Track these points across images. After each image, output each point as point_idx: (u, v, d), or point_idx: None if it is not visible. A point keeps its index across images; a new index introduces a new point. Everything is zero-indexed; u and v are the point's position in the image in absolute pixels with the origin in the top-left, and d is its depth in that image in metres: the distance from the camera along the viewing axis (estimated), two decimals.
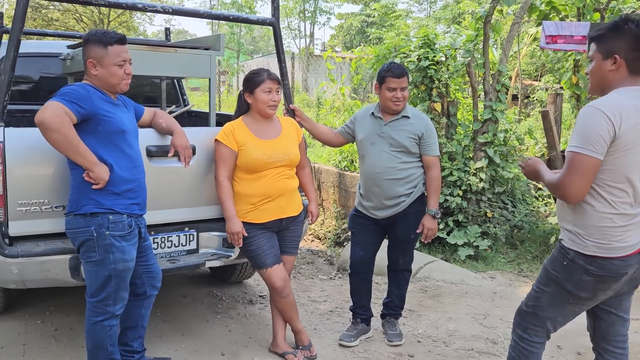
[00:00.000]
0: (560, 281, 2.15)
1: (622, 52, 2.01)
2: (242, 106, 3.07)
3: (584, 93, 6.17)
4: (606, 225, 2.02)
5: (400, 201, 3.24)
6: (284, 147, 3.00)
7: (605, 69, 2.05)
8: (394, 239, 3.42)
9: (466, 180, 5.22)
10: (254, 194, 2.96)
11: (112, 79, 2.48)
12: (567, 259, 2.11)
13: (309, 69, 16.68)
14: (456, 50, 5.58)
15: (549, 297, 2.21)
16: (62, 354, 3.16)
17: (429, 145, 3.25)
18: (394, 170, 3.21)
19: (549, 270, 2.20)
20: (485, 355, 3.28)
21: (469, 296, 4.24)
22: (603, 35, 2.06)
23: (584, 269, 2.06)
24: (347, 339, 3.40)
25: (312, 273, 4.91)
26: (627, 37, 2.00)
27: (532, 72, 14.83)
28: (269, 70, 3.00)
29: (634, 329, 3.65)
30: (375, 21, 26.59)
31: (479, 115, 5.42)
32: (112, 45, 2.47)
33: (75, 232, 2.47)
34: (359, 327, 3.48)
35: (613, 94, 2.02)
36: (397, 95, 3.18)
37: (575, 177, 1.96)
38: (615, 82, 2.05)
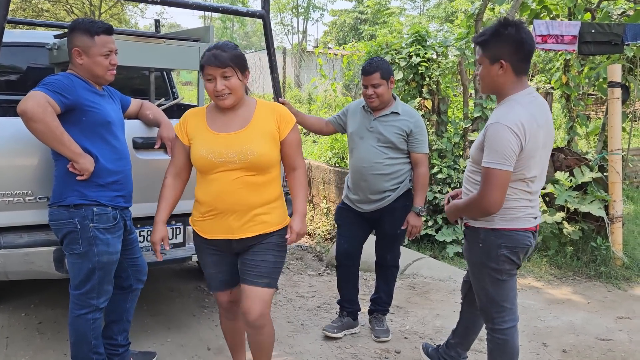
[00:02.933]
0: (485, 263, 2.39)
1: (506, 57, 2.20)
2: None
3: (574, 92, 6.19)
4: (510, 199, 2.27)
5: (385, 196, 3.25)
6: (242, 143, 2.27)
7: (494, 73, 2.24)
8: (380, 234, 3.42)
9: (456, 177, 5.23)
10: (203, 202, 2.36)
11: (97, 69, 2.45)
12: (479, 239, 2.37)
13: (301, 65, 16.63)
14: (447, 47, 5.58)
15: (488, 283, 2.43)
16: (46, 347, 3.12)
17: (417, 143, 3.24)
18: (381, 165, 3.21)
19: (473, 261, 2.46)
20: (471, 352, 3.28)
21: (456, 293, 4.24)
22: (487, 41, 2.23)
23: (497, 244, 2.33)
24: (330, 330, 3.42)
25: (301, 269, 4.90)
26: (509, 42, 2.18)
27: None
28: (221, 48, 2.23)
29: (619, 327, 3.67)
30: (368, 18, 26.60)
31: (469, 113, 5.42)
32: (99, 35, 2.43)
33: (58, 223, 2.44)
34: (345, 320, 3.49)
35: (514, 106, 2.20)
36: (368, 92, 3.20)
37: (495, 190, 2.18)
38: (505, 85, 2.26)
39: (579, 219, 4.85)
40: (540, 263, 4.84)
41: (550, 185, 4.84)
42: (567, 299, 4.19)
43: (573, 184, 4.78)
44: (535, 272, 4.73)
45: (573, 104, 6.29)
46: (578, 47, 4.99)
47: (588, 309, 4.01)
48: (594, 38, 4.97)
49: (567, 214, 4.86)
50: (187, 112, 2.45)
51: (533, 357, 3.23)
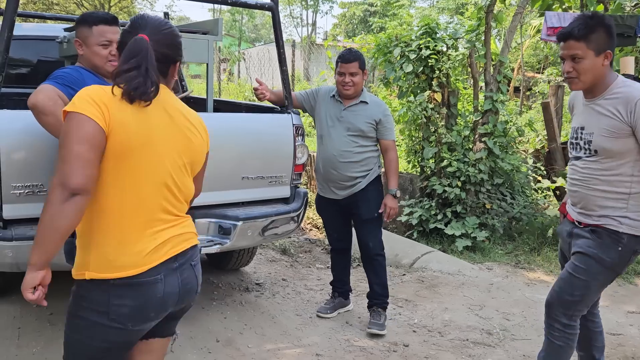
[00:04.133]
0: (615, 266, 2.32)
1: (609, 47, 2.24)
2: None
3: None
4: None
5: (356, 182, 3.38)
6: None
7: (599, 64, 2.23)
8: (358, 220, 3.48)
9: (465, 171, 5.20)
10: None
11: (95, 59, 2.46)
12: (621, 244, 2.27)
13: (310, 58, 16.58)
14: (457, 40, 5.53)
15: (601, 282, 2.37)
16: (57, 338, 3.15)
17: (386, 130, 3.38)
18: (351, 153, 3.33)
19: (604, 258, 2.30)
20: (480, 346, 3.28)
21: (465, 287, 4.23)
22: (588, 34, 2.21)
23: (633, 250, 2.29)
24: (324, 311, 3.61)
25: (310, 262, 4.91)
26: (608, 32, 2.23)
27: (534, 64, 14.75)
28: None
29: (630, 322, 3.65)
30: (378, 10, 26.46)
31: (479, 106, 5.38)
32: (97, 25, 2.45)
33: None
34: (337, 300, 3.68)
35: (633, 83, 2.24)
36: (345, 80, 3.31)
37: None
38: (606, 74, 2.26)
39: None
40: (551, 257, 4.81)
41: (560, 179, 4.80)
42: None
43: None
44: (545, 266, 4.71)
45: None
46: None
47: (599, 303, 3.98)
48: None
49: None
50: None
51: None
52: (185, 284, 1.69)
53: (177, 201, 1.68)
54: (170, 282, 1.64)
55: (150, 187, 1.59)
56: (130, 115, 1.54)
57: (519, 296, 4.07)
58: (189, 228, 1.73)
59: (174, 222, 1.67)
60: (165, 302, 1.65)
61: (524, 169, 5.97)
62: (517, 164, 5.66)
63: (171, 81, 1.71)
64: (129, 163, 1.55)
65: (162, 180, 1.61)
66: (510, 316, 3.72)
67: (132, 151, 1.54)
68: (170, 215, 1.66)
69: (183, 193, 1.70)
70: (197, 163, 1.76)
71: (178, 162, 1.65)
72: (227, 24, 30.13)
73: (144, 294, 1.59)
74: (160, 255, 1.61)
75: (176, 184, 1.65)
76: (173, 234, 1.65)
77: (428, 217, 5.30)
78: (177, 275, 1.66)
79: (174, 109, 1.67)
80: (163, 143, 1.61)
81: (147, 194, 1.59)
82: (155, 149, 1.59)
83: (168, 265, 1.63)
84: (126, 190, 1.56)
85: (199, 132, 1.73)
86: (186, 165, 1.69)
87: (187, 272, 1.69)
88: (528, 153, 6.91)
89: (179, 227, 1.69)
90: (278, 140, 3.42)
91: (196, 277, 1.74)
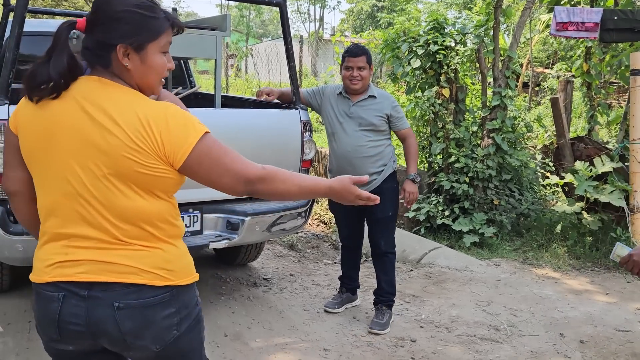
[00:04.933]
0: None
1: None
2: None
3: (595, 81, 6.08)
4: None
5: (372, 179, 3.35)
6: None
7: None
8: (371, 219, 3.47)
9: (473, 167, 5.18)
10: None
11: None
12: None
13: (318, 54, 16.57)
14: (466, 35, 5.50)
15: None
16: None
17: (399, 121, 3.40)
18: (365, 148, 3.33)
19: None
20: (488, 342, 3.28)
21: (473, 283, 4.23)
22: None
23: None
24: (332, 306, 3.63)
25: (317, 257, 4.92)
26: None
27: (544, 59, 14.66)
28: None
29: (638, 319, 3.63)
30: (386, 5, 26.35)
31: (487, 102, 5.36)
32: None
33: None
34: (344, 295, 3.69)
35: None
36: (353, 74, 3.30)
37: None
38: None
39: (598, 209, 4.78)
40: (559, 253, 4.79)
41: (569, 175, 4.78)
42: (586, 290, 4.15)
43: (593, 173, 4.71)
44: (553, 262, 4.69)
45: (594, 92, 6.18)
46: (600, 35, 4.89)
47: (606, 299, 3.97)
48: (616, 25, 4.87)
49: (587, 204, 4.80)
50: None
51: (550, 348, 3.22)
52: (95, 322, 1.34)
53: (106, 221, 1.34)
54: (70, 308, 1.35)
55: (60, 195, 1.35)
56: (31, 116, 1.37)
57: (527, 292, 4.07)
58: (128, 260, 1.35)
59: (103, 245, 1.35)
60: (63, 327, 1.36)
61: (532, 164, 5.95)
62: (525, 160, 5.63)
63: (122, 70, 1.37)
64: (36, 166, 1.39)
65: (74, 190, 1.33)
66: (517, 312, 3.71)
67: (35, 153, 1.37)
68: (98, 233, 1.35)
69: (113, 212, 1.34)
70: (129, 174, 1.33)
71: (95, 172, 1.32)
72: (234, 20, 30.15)
73: (42, 307, 1.39)
74: (66, 273, 1.35)
75: (97, 198, 1.33)
76: (93, 258, 1.34)
77: (436, 213, 5.30)
78: (85, 305, 1.34)
79: (96, 106, 1.33)
80: (70, 147, 1.33)
81: (60, 203, 1.36)
82: (60, 153, 1.34)
83: (73, 288, 1.34)
84: (41, 195, 1.40)
85: (126, 133, 1.30)
86: (108, 176, 1.32)
87: (101, 310, 1.34)
88: (536, 149, 6.88)
89: (109, 253, 1.35)
90: (286, 136, 3.43)
91: (117, 322, 1.34)
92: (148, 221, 1.37)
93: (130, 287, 1.35)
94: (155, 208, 1.38)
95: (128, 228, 1.35)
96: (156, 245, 1.39)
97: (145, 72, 1.40)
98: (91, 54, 1.38)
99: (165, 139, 1.32)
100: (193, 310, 1.47)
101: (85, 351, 1.43)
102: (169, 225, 1.43)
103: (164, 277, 1.38)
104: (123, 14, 1.35)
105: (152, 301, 1.36)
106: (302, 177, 1.47)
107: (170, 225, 1.43)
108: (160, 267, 1.38)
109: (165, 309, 1.38)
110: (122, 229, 1.35)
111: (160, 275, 1.38)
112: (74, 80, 1.37)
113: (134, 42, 1.36)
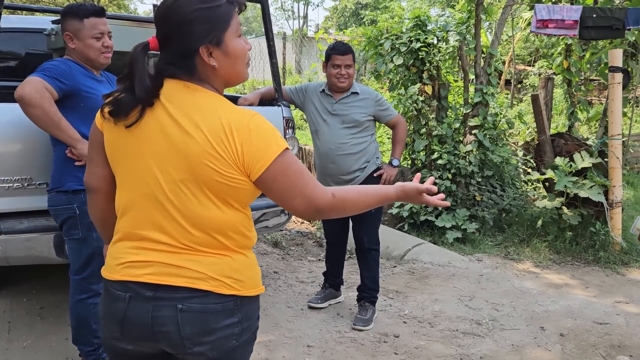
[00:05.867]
0: None
1: None
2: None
3: (575, 78, 6.16)
4: None
5: (355, 176, 3.38)
6: None
7: None
8: (355, 217, 3.47)
9: (455, 163, 5.23)
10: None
11: (89, 52, 2.45)
12: None
13: (302, 51, 16.54)
14: (448, 32, 5.54)
15: None
16: (47, 332, 3.15)
17: (384, 112, 3.43)
18: (347, 145, 3.34)
19: None
20: (470, 336, 3.31)
21: (455, 278, 4.27)
22: None
23: None
24: (315, 302, 3.65)
25: (301, 254, 4.92)
26: None
27: (525, 57, 14.81)
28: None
29: (616, 312, 3.69)
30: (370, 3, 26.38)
31: (469, 99, 5.40)
32: (88, 18, 2.43)
33: (57, 209, 2.45)
34: (327, 291, 3.72)
35: None
36: (341, 72, 3.30)
37: None
38: None
39: (578, 204, 4.85)
40: (540, 248, 4.85)
41: (549, 171, 4.84)
42: (566, 284, 4.21)
43: (573, 169, 4.78)
44: (534, 257, 4.75)
45: (574, 89, 6.27)
46: (579, 32, 4.95)
47: (586, 293, 4.03)
48: (595, 23, 4.94)
49: (567, 200, 4.87)
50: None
51: (531, 341, 3.26)
52: (157, 323, 1.33)
53: (179, 226, 1.33)
54: (136, 310, 1.34)
55: (138, 196, 1.36)
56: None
57: (508, 287, 4.11)
58: (197, 266, 1.34)
59: (173, 249, 1.34)
60: (127, 326, 1.36)
61: (513, 161, 6.01)
62: (507, 156, 5.69)
63: (208, 72, 1.35)
64: (118, 164, 1.39)
65: (151, 192, 1.33)
66: (499, 306, 3.75)
67: (118, 151, 1.37)
68: (170, 238, 1.34)
69: (187, 218, 1.33)
70: (206, 181, 1.30)
71: (174, 176, 1.31)
72: None
73: (109, 304, 1.39)
74: (134, 273, 1.35)
75: (172, 203, 1.32)
76: (162, 260, 1.34)
77: (419, 209, 5.33)
78: (149, 307, 1.33)
79: (181, 110, 1.32)
80: (152, 149, 1.33)
81: (136, 203, 1.36)
82: (142, 154, 1.34)
83: (140, 289, 1.34)
84: (120, 193, 1.41)
85: (208, 139, 1.28)
86: (186, 182, 1.31)
87: (165, 311, 1.33)
88: (518, 145, 6.95)
89: (179, 257, 1.34)
90: None
91: (178, 324, 1.32)
92: (220, 231, 1.35)
93: (196, 292, 1.33)
94: (229, 218, 1.36)
95: (200, 235, 1.34)
96: (226, 254, 1.37)
97: (232, 63, 1.37)
98: (175, 67, 1.34)
99: (245, 149, 1.28)
100: (254, 324, 1.46)
101: (144, 353, 1.42)
102: (241, 236, 1.40)
103: (231, 286, 1.36)
104: (192, 15, 1.30)
105: (215, 308, 1.34)
106: (370, 194, 1.45)
107: (242, 236, 1.40)
108: (228, 275, 1.36)
109: (227, 317, 1.36)
110: (194, 235, 1.33)
111: (228, 284, 1.35)
112: (160, 90, 1.34)
113: (213, 39, 1.32)
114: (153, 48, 1.35)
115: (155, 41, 1.35)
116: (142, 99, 1.30)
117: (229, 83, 1.40)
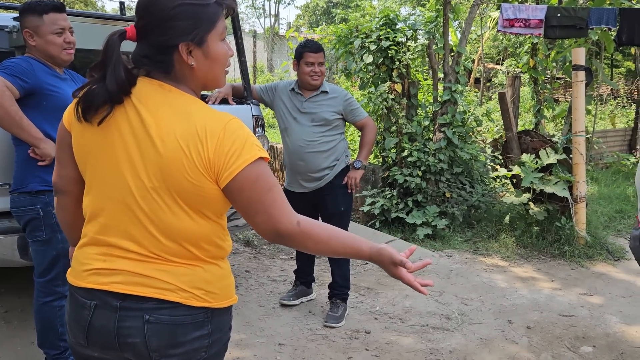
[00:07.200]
0: None
1: None
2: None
3: (541, 76, 6.29)
4: None
5: (324, 174, 3.39)
6: None
7: None
8: (325, 214, 3.51)
9: (425, 160, 5.29)
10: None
11: (50, 49, 2.40)
12: None
13: (273, 49, 16.49)
14: (416, 31, 5.60)
15: None
16: (12, 336, 3.08)
17: (353, 113, 3.43)
18: (316, 143, 3.35)
19: None
20: (440, 331, 3.36)
21: (426, 274, 4.32)
22: None
23: None
24: (287, 299, 3.68)
25: (273, 253, 4.91)
26: None
27: (494, 55, 15.06)
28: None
29: (581, 304, 3.79)
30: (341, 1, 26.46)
31: (438, 97, 5.47)
32: (48, 14, 2.37)
33: (20, 210, 2.39)
34: (299, 289, 3.74)
35: None
36: (314, 70, 3.32)
37: None
38: None
39: (544, 199, 4.96)
40: (507, 243, 4.95)
41: (516, 167, 4.93)
42: (532, 278, 4.30)
43: (539, 165, 4.88)
44: (501, 252, 4.84)
45: (540, 87, 6.40)
46: (544, 31, 5.07)
47: (552, 286, 4.13)
48: (559, 22, 5.06)
49: (533, 195, 4.97)
50: None
51: (499, 334, 3.32)
52: (123, 334, 1.27)
53: (149, 234, 1.26)
54: (101, 318, 1.28)
55: (107, 200, 1.29)
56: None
57: (477, 281, 4.18)
58: (167, 276, 1.27)
59: (143, 258, 1.28)
60: (91, 335, 1.30)
61: (482, 158, 6.11)
62: (475, 153, 5.78)
63: (185, 72, 1.28)
64: (87, 166, 1.31)
65: (121, 198, 1.26)
66: (468, 301, 3.82)
67: (86, 153, 1.30)
68: (139, 246, 1.27)
69: (157, 227, 1.26)
70: (178, 190, 1.23)
71: (146, 184, 1.24)
72: None
73: (74, 311, 1.33)
74: (101, 281, 1.28)
75: (143, 210, 1.25)
76: (131, 269, 1.27)
77: (390, 206, 5.37)
78: (115, 316, 1.27)
79: (153, 113, 1.24)
80: (122, 153, 1.25)
81: (105, 208, 1.29)
82: (112, 158, 1.26)
83: (107, 298, 1.28)
84: (88, 196, 1.33)
85: (180, 145, 1.21)
86: (158, 190, 1.24)
87: (131, 322, 1.26)
88: (486, 142, 7.07)
89: (148, 266, 1.27)
90: None
91: (145, 336, 1.26)
92: (192, 242, 1.29)
93: (165, 303, 1.27)
94: (202, 229, 1.29)
95: (171, 245, 1.27)
96: (198, 264, 1.31)
97: (211, 66, 1.29)
98: (150, 62, 1.26)
99: (217, 154, 1.21)
100: (225, 335, 1.39)
101: None
102: (214, 247, 1.33)
103: (202, 298, 1.29)
104: (176, 9, 1.22)
105: (184, 320, 1.28)
106: (341, 240, 1.34)
107: (215, 246, 1.33)
108: (199, 287, 1.29)
109: (197, 330, 1.30)
110: (164, 245, 1.27)
111: (198, 295, 1.29)
112: (132, 87, 1.25)
113: (195, 37, 1.24)
114: (130, 37, 1.27)
115: (133, 30, 1.26)
116: (113, 92, 1.22)
117: (205, 86, 1.34)
